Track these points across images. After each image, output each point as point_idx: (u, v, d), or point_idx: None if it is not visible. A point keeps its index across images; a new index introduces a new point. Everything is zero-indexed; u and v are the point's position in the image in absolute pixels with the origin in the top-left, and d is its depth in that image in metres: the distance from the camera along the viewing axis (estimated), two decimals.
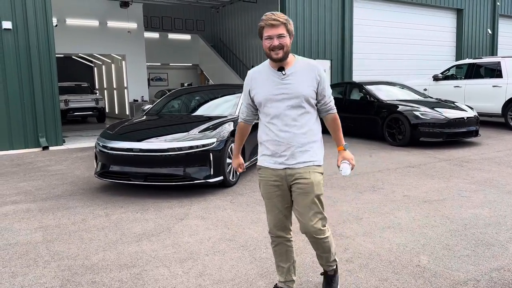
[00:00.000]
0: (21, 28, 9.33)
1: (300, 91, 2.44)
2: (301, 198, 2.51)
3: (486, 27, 18.41)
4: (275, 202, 2.59)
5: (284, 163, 2.52)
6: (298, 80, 2.46)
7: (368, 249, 3.58)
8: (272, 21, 2.38)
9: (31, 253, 3.67)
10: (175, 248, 3.69)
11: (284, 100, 2.46)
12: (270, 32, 2.39)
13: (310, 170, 2.50)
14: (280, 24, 2.39)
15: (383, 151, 8.31)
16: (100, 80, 21.35)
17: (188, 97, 7.61)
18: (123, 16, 16.72)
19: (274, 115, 2.49)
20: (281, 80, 2.46)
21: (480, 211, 4.53)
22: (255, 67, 2.64)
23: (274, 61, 2.46)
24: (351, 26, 14.40)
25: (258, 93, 2.53)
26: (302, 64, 2.51)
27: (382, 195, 5.23)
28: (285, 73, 2.47)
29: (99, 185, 6.07)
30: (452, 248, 3.57)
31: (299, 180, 2.49)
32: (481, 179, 5.92)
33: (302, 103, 2.46)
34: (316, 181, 2.50)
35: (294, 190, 2.53)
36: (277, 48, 2.40)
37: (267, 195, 2.60)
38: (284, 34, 2.40)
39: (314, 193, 2.49)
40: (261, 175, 2.62)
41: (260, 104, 2.54)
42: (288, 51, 2.44)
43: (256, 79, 2.56)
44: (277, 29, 2.39)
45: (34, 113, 9.57)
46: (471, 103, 10.98)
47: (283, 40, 2.40)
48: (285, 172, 2.52)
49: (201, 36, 20.87)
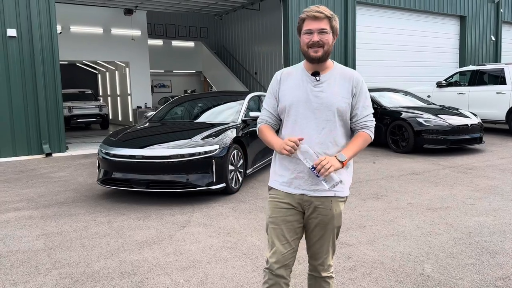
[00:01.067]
0: (25, 35, 9.39)
1: (333, 102, 2.08)
2: (317, 228, 2.16)
3: (490, 34, 18.40)
4: (283, 229, 2.14)
5: (300, 187, 2.13)
6: (331, 89, 2.11)
7: (372, 257, 3.55)
8: (315, 13, 2.05)
9: (32, 260, 3.66)
10: (177, 256, 3.67)
11: (313, 110, 2.09)
12: (311, 25, 2.05)
13: (333, 199, 2.13)
14: (324, 17, 2.06)
15: (386, 158, 8.28)
16: (103, 87, 21.44)
17: (191, 104, 7.62)
18: (127, 23, 16.82)
19: (298, 126, 2.12)
20: (314, 86, 2.11)
21: (485, 219, 4.49)
22: (285, 68, 2.28)
23: (311, 62, 2.10)
24: (354, 33, 14.42)
25: (285, 96, 2.16)
26: (340, 71, 2.17)
27: (385, 202, 5.20)
28: (319, 79, 2.12)
29: (102, 192, 6.07)
30: (456, 256, 3.53)
31: (319, 210, 2.13)
32: (485, 186, 5.88)
33: (333, 116, 2.09)
34: (337, 213, 2.15)
35: (309, 219, 2.16)
36: (317, 45, 2.05)
37: (275, 219, 2.16)
38: (327, 30, 2.06)
39: (333, 225, 2.16)
40: (272, 195, 2.22)
41: (284, 109, 2.17)
42: (329, 52, 2.10)
43: (285, 81, 2.20)
44: (320, 23, 2.05)
45: (38, 120, 9.61)
46: (474, 110, 10.95)
47: (325, 37, 2.06)
48: (301, 198, 2.14)
49: (204, 43, 20.95)
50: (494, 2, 18.21)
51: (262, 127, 2.27)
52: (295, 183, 2.14)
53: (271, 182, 2.25)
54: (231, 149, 5.65)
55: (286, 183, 2.16)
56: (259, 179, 6.57)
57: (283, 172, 2.18)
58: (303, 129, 2.10)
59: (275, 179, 2.22)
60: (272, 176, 2.25)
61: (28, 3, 9.36)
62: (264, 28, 17.12)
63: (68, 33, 15.63)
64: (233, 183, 5.71)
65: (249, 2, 16.27)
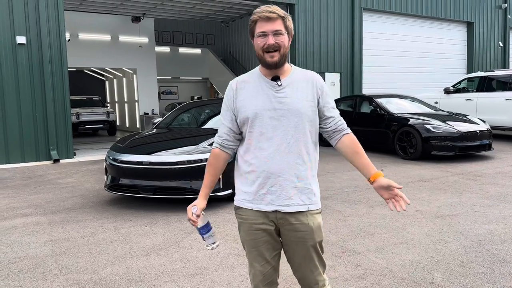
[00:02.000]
0: (34, 42, 9.49)
1: (299, 107, 1.93)
2: (298, 247, 1.98)
3: (497, 40, 18.32)
4: (261, 250, 2.00)
5: (273, 203, 1.94)
6: (295, 94, 1.94)
7: (380, 265, 3.50)
8: (268, 14, 1.88)
9: (40, 266, 3.66)
10: (184, 263, 3.65)
11: (278, 118, 1.92)
12: (264, 27, 1.88)
13: (308, 213, 1.97)
14: (277, 18, 1.89)
15: (394, 164, 8.22)
16: (111, 93, 21.59)
17: (197, 110, 7.63)
18: (134, 31, 16.96)
19: (264, 137, 1.93)
20: (276, 92, 1.94)
21: (495, 226, 4.43)
22: (239, 76, 2.08)
23: (267, 67, 1.94)
24: (360, 39, 14.42)
25: (245, 106, 1.95)
26: (300, 74, 2.01)
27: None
28: (280, 84, 1.94)
29: (109, 198, 6.08)
30: (467, 265, 3.48)
31: (295, 226, 1.96)
32: (495, 193, 5.81)
33: (302, 122, 1.93)
34: (316, 226, 1.98)
35: (287, 237, 1.99)
36: (273, 48, 1.88)
37: (251, 242, 2.00)
38: (282, 31, 1.90)
39: (314, 241, 1.99)
40: (242, 216, 2.01)
41: (247, 121, 1.95)
42: (286, 55, 1.94)
43: (242, 90, 1.99)
44: (274, 24, 1.88)
45: (46, 126, 9.68)
46: (483, 116, 10.85)
47: (281, 38, 1.89)
48: (275, 215, 1.96)
49: (211, 50, 21.05)
50: (501, 8, 18.15)
51: (213, 152, 2.09)
52: (267, 199, 1.95)
53: (237, 200, 2.02)
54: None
55: (256, 199, 1.96)
56: None
57: (248, 188, 1.98)
58: (271, 140, 1.92)
59: (242, 198, 2.00)
60: (237, 193, 2.03)
61: (37, 11, 9.47)
62: None
63: (77, 40, 15.79)
64: None
65: (256, 8, 16.33)
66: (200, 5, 15.10)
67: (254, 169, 1.95)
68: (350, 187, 6.40)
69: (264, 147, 1.93)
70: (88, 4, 14.49)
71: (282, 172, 1.92)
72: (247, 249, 2.03)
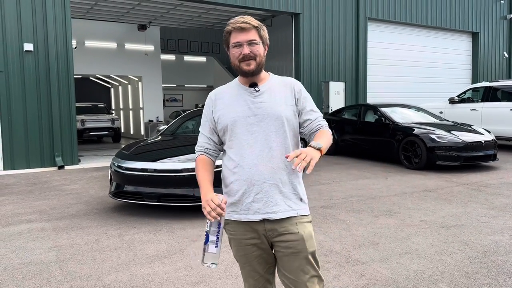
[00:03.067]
0: (41, 50, 9.59)
1: (278, 110, 1.92)
2: (290, 259, 1.90)
3: (502, 51, 18.32)
4: (254, 265, 1.97)
5: (260, 212, 1.89)
6: (274, 98, 1.95)
7: (385, 275, 3.49)
8: (241, 24, 1.90)
9: (44, 272, 3.66)
10: (187, 271, 3.65)
11: (258, 124, 1.91)
12: (239, 37, 1.90)
13: (297, 221, 1.91)
14: (251, 28, 1.91)
15: (399, 174, 8.20)
16: (116, 100, 21.71)
17: None
18: (140, 38, 17.10)
19: (245, 143, 1.91)
20: (254, 98, 1.94)
21: (500, 237, 4.40)
22: (216, 88, 2.10)
23: (245, 75, 1.94)
24: (365, 48, 14.46)
25: (224, 115, 1.95)
26: (278, 80, 2.03)
27: (398, 219, 5.13)
28: (258, 89, 1.95)
29: (113, 205, 6.09)
30: (472, 276, 3.45)
31: (285, 236, 1.89)
32: (500, 204, 5.77)
33: (282, 126, 1.92)
34: (307, 235, 1.91)
35: (278, 250, 1.92)
36: (248, 57, 1.90)
37: (243, 258, 1.98)
38: (257, 40, 1.92)
39: (307, 251, 1.90)
40: (230, 231, 1.97)
41: (226, 129, 1.95)
42: (262, 64, 1.95)
43: (220, 100, 2.00)
44: (248, 34, 1.90)
45: (51, 132, 9.74)
46: (488, 126, 10.82)
47: (255, 48, 1.91)
48: (263, 226, 1.90)
49: (216, 59, 21.17)
50: (506, 19, 18.17)
51: (198, 159, 2.05)
52: (253, 208, 1.89)
53: (226, 214, 1.94)
54: None
55: (243, 210, 1.91)
56: None
57: (234, 198, 1.93)
58: (252, 146, 1.90)
59: (230, 210, 1.95)
60: (226, 206, 1.95)
61: (45, 19, 9.58)
62: (276, 43, 17.23)
63: (83, 47, 15.94)
64: None
65: (261, 18, 16.42)
66: (206, 14, 15.22)
67: (238, 177, 1.91)
68: (354, 196, 6.39)
69: (246, 154, 1.90)
70: (95, 12, 14.64)
71: (266, 178, 1.88)
72: (240, 264, 2.01)
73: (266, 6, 12.48)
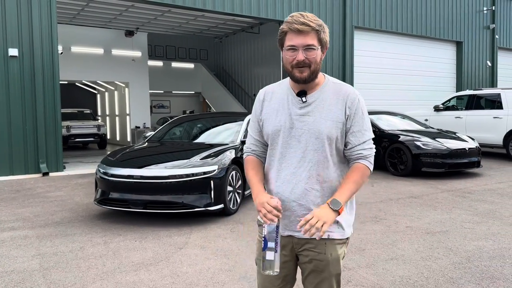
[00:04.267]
0: (27, 55, 9.48)
1: (321, 128, 1.73)
2: (312, 277, 1.83)
3: (486, 59, 18.68)
4: (271, 276, 1.85)
5: (287, 228, 1.82)
6: (320, 113, 1.75)
7: (371, 281, 3.50)
8: (299, 25, 1.66)
9: (27, 281, 3.60)
10: (174, 278, 3.62)
11: (298, 138, 1.76)
12: (295, 40, 1.68)
13: (328, 241, 1.79)
14: (310, 30, 1.67)
15: (384, 181, 8.27)
16: (102, 106, 21.53)
17: (190, 124, 7.64)
18: (127, 44, 17.02)
19: (283, 157, 1.80)
20: (299, 109, 1.78)
21: (484, 243, 4.46)
22: (268, 86, 1.93)
23: (296, 82, 1.76)
24: (352, 57, 14.61)
25: (267, 122, 1.84)
26: (333, 88, 1.79)
27: (384, 226, 5.17)
28: (305, 100, 1.77)
29: (98, 212, 6.02)
30: (456, 281, 3.49)
31: (311, 254, 1.80)
32: (484, 210, 5.86)
33: (322, 146, 1.74)
34: (334, 258, 1.80)
35: (302, 262, 1.84)
36: (303, 64, 1.69)
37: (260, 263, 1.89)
38: (315, 46, 1.69)
39: (329, 273, 1.80)
40: (260, 234, 1.90)
41: (268, 137, 1.85)
42: (317, 71, 1.73)
43: (268, 102, 1.86)
44: (306, 38, 1.67)
45: (36, 139, 9.60)
46: (472, 134, 11.01)
47: (312, 54, 1.69)
48: (291, 240, 1.83)
49: (204, 65, 21.17)
50: (489, 28, 18.55)
51: (246, 159, 1.96)
52: (282, 222, 1.79)
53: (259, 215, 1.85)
54: (230, 170, 5.64)
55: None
56: None
57: None
58: (288, 161, 1.79)
59: None
60: None
61: (30, 24, 9.48)
62: (263, 50, 17.32)
63: (69, 53, 15.80)
64: (231, 204, 5.67)
65: (249, 25, 16.51)
66: (194, 21, 15.24)
67: (272, 189, 1.84)
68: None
69: (281, 168, 1.80)
70: (82, 17, 14.55)
71: (296, 198, 1.77)
72: (258, 269, 1.92)
73: (254, 13, 12.55)
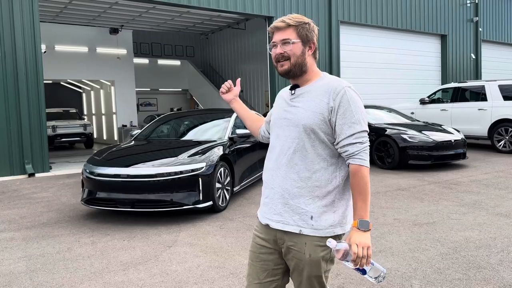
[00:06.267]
0: (9, 54, 9.31)
1: (300, 118, 1.78)
2: (295, 275, 1.84)
3: (470, 52, 18.89)
4: (256, 267, 1.88)
5: (265, 216, 1.87)
6: (305, 104, 1.79)
7: (360, 274, 3.52)
8: (277, 23, 1.80)
9: (13, 284, 3.54)
10: (163, 277, 3.60)
11: (284, 128, 1.83)
12: (275, 37, 1.81)
13: (308, 241, 1.75)
14: (286, 26, 1.78)
15: (372, 174, 8.33)
16: (88, 105, 21.29)
17: (177, 122, 7.59)
18: (112, 42, 16.83)
19: (271, 146, 1.90)
20: (290, 101, 1.86)
21: (470, 233, 4.52)
22: None
23: (281, 76, 1.86)
24: (338, 51, 14.66)
25: (271, 114, 1.99)
26: (325, 83, 1.81)
27: (372, 218, 5.20)
28: (294, 93, 1.85)
29: (86, 212, 5.96)
30: (443, 271, 3.53)
31: (292, 252, 1.79)
32: (470, 201, 5.94)
33: (299, 134, 1.77)
34: (313, 259, 1.76)
35: (286, 258, 1.84)
36: (282, 58, 1.79)
37: (251, 254, 1.92)
38: (291, 39, 1.77)
39: (309, 273, 1.78)
40: (256, 225, 1.96)
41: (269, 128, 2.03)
42: (299, 64, 1.79)
43: (277, 98, 2.00)
44: (283, 33, 1.78)
45: (21, 139, 9.45)
46: (457, 126, 11.14)
47: (289, 47, 1.77)
48: (275, 233, 1.84)
49: (190, 62, 21.06)
50: (473, 21, 18.75)
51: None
52: (262, 210, 1.88)
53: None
54: (218, 166, 5.62)
55: (262, 211, 1.90)
56: (246, 197, 6.53)
57: (263, 197, 1.92)
58: (274, 150, 1.87)
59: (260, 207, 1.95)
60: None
61: (12, 22, 9.31)
62: (250, 47, 17.30)
63: (53, 52, 15.57)
64: (220, 201, 5.66)
65: (235, 21, 16.46)
66: (179, 18, 15.13)
67: (263, 179, 1.94)
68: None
69: (269, 157, 1.91)
70: (65, 15, 14.34)
71: (274, 185, 1.83)
72: (248, 260, 1.95)
73: (240, 9, 12.50)
